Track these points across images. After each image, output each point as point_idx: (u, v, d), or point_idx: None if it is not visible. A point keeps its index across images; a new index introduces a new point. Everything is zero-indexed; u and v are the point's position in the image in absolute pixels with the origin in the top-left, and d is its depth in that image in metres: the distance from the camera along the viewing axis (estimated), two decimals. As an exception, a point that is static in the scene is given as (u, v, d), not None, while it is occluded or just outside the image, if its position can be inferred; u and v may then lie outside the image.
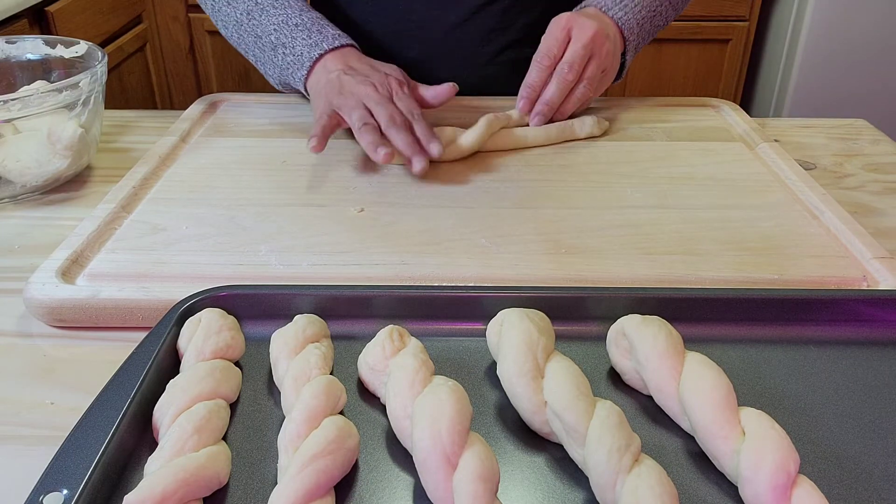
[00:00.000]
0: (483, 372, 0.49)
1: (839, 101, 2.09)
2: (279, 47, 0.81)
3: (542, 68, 0.80)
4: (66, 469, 0.38)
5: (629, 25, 0.85)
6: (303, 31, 0.81)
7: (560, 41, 0.79)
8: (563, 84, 0.79)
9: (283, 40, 0.81)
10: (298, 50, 0.80)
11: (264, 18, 0.82)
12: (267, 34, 0.82)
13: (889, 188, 0.76)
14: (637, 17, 0.86)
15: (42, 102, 0.69)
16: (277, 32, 0.81)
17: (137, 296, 0.54)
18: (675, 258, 0.61)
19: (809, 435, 0.44)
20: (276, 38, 0.81)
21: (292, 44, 0.81)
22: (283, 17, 0.82)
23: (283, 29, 0.81)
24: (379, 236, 0.63)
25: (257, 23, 0.83)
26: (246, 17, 0.83)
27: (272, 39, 0.82)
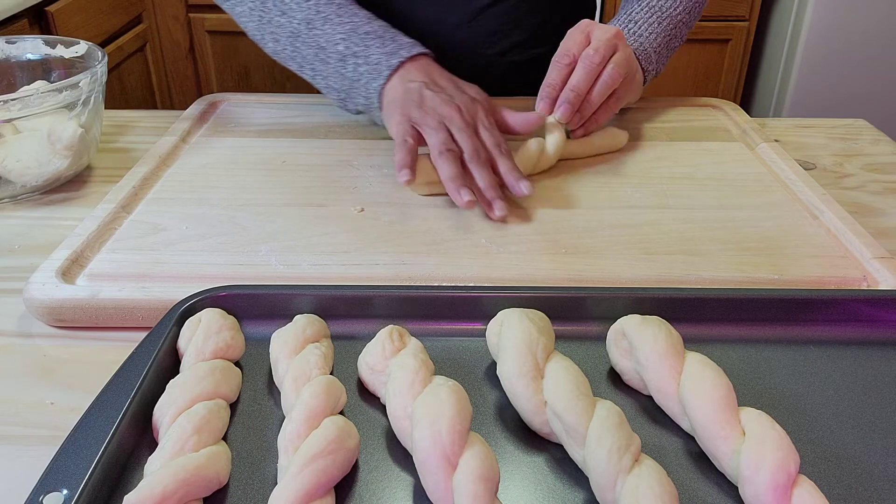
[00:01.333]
0: (483, 372, 0.49)
1: (839, 101, 2.09)
2: (349, 57, 0.76)
3: (561, 67, 0.75)
4: (66, 469, 0.38)
5: (646, 55, 0.82)
6: (375, 39, 0.76)
7: (579, 42, 0.76)
8: (589, 67, 0.74)
9: (353, 49, 0.76)
10: (374, 58, 0.75)
11: (328, 28, 0.77)
12: (333, 44, 0.77)
13: (889, 188, 0.76)
14: (654, 44, 0.83)
15: (42, 102, 0.69)
16: (346, 41, 0.76)
17: (137, 296, 0.54)
18: (675, 258, 0.61)
19: (809, 435, 0.44)
20: (346, 47, 0.76)
21: (366, 53, 0.75)
22: (350, 25, 0.77)
23: (353, 38, 0.76)
24: (379, 236, 0.63)
25: (320, 33, 0.77)
26: (306, 27, 0.78)
27: (340, 49, 0.76)
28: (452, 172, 0.67)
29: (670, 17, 0.84)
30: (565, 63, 0.75)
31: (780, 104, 2.16)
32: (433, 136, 0.69)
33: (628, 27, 0.82)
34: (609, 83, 0.75)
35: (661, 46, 0.83)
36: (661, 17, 0.83)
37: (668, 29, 0.84)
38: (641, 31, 0.82)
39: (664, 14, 0.84)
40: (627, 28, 0.82)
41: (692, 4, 0.86)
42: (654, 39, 0.82)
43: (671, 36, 0.84)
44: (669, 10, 0.84)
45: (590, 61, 0.74)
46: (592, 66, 0.74)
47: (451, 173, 0.67)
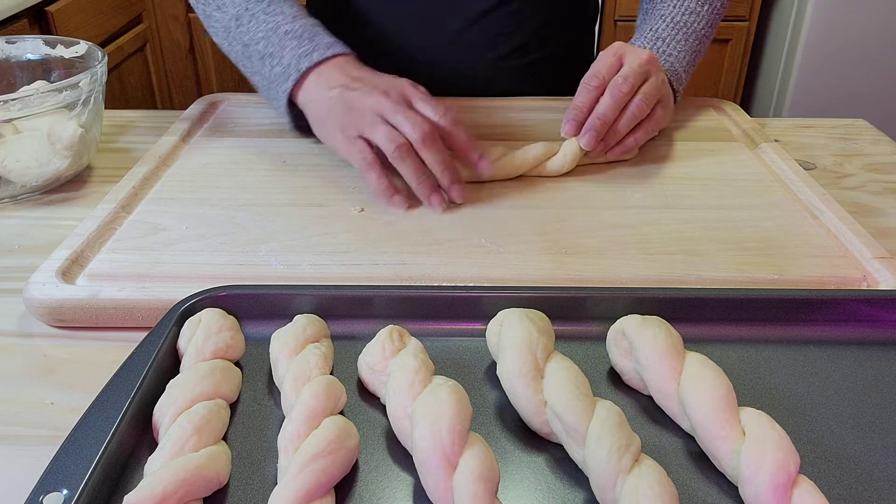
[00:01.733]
0: (483, 372, 0.49)
1: (839, 101, 2.09)
2: (267, 58, 0.74)
3: (589, 89, 0.73)
4: (66, 469, 0.38)
5: (677, 76, 0.80)
6: (293, 39, 0.73)
7: (611, 65, 0.74)
8: (617, 96, 0.72)
9: (270, 50, 0.74)
10: (287, 60, 0.73)
11: (253, 25, 0.75)
12: (255, 42, 0.75)
13: (889, 188, 0.76)
14: (683, 63, 0.81)
15: (42, 102, 0.69)
16: (265, 41, 0.74)
17: (137, 296, 0.54)
18: (675, 258, 0.61)
19: (809, 435, 0.44)
20: (265, 46, 0.74)
21: (280, 53, 0.73)
22: (272, 24, 0.74)
23: (272, 37, 0.74)
24: (379, 236, 0.63)
25: (245, 30, 0.76)
26: (234, 24, 0.76)
27: (259, 48, 0.74)
28: (415, 174, 0.66)
29: (695, 33, 0.82)
30: (594, 86, 0.73)
31: (780, 104, 2.17)
32: (376, 134, 0.66)
33: (656, 45, 0.80)
34: (636, 114, 0.73)
35: (689, 65, 0.82)
36: (686, 33, 0.81)
37: (693, 45, 0.82)
38: (670, 50, 0.80)
39: (689, 30, 0.82)
40: (656, 47, 0.80)
41: (713, 17, 0.84)
42: (683, 58, 0.81)
43: (696, 52, 0.83)
44: (694, 24, 0.82)
45: (618, 90, 0.72)
46: (621, 95, 0.72)
47: (414, 175, 0.66)
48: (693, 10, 0.82)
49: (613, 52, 0.75)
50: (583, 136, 0.72)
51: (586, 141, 0.72)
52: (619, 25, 2.21)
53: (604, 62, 0.74)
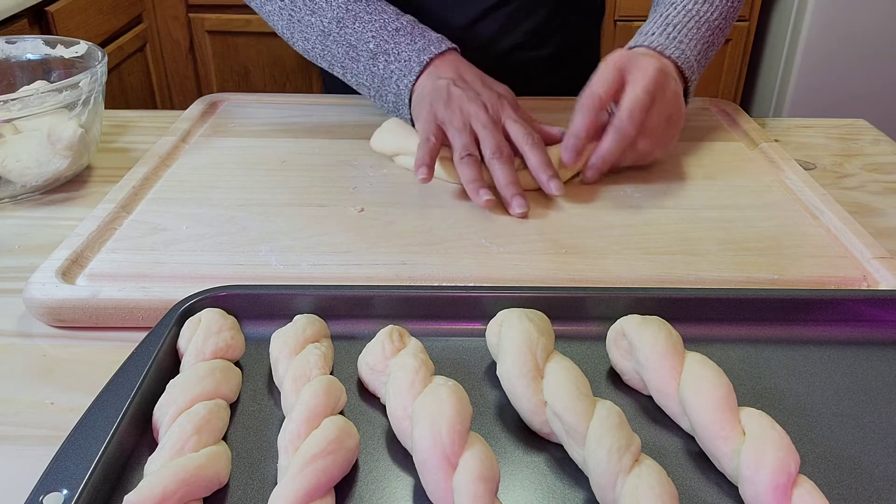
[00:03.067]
0: (483, 372, 0.49)
1: (839, 101, 2.09)
2: (380, 55, 0.75)
3: (587, 112, 0.69)
4: (66, 469, 0.38)
5: (688, 63, 0.76)
6: (404, 35, 0.75)
7: (610, 83, 0.69)
8: (621, 136, 0.69)
9: (384, 47, 0.75)
10: (405, 55, 0.74)
11: (359, 26, 0.76)
12: (363, 42, 0.76)
13: (889, 188, 0.76)
14: (694, 52, 0.77)
15: (42, 102, 0.69)
16: (377, 39, 0.75)
17: (137, 296, 0.54)
18: (675, 258, 0.61)
19: (809, 435, 0.44)
20: (376, 45, 0.75)
21: (396, 50, 0.75)
22: (380, 22, 0.76)
23: (383, 35, 0.75)
24: (379, 236, 0.63)
25: (351, 31, 0.76)
26: (336, 26, 0.77)
27: (370, 48, 0.75)
28: (471, 176, 0.67)
29: (708, 23, 0.79)
30: (590, 107, 0.69)
31: (780, 104, 2.16)
32: (457, 138, 0.69)
33: (666, 31, 0.77)
34: (643, 155, 0.71)
35: (700, 55, 0.78)
36: (699, 22, 0.78)
37: (706, 35, 0.78)
38: (681, 36, 0.76)
39: (702, 19, 0.78)
40: (666, 32, 0.77)
41: (728, 10, 0.81)
42: (695, 46, 0.77)
43: (709, 43, 0.79)
44: (707, 14, 0.79)
45: (623, 133, 0.68)
46: (626, 138, 0.69)
47: (470, 177, 0.67)
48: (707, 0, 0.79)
49: (615, 67, 0.70)
50: (586, 173, 0.71)
51: (589, 177, 0.71)
52: (618, 25, 2.21)
53: (603, 78, 0.70)
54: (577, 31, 1.00)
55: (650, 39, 0.76)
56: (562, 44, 0.98)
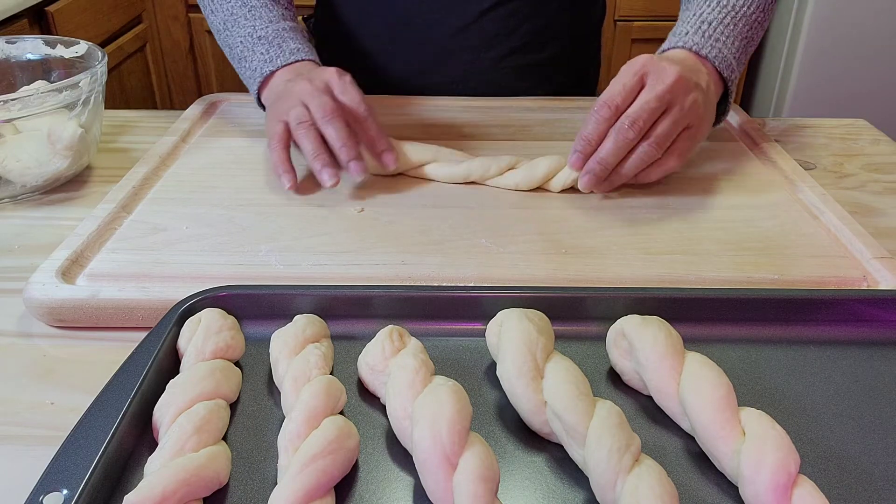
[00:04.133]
0: (483, 372, 0.49)
1: (839, 101, 2.09)
2: (243, 60, 0.79)
3: (598, 119, 0.66)
4: (66, 469, 0.38)
5: (727, 63, 0.72)
6: (263, 44, 0.78)
7: (628, 89, 0.66)
8: (620, 142, 0.65)
9: (245, 54, 0.79)
10: (255, 65, 0.78)
11: (235, 30, 0.80)
12: (235, 46, 0.80)
13: (889, 188, 0.76)
14: (732, 49, 0.72)
15: (42, 102, 0.69)
16: (242, 45, 0.79)
17: (137, 296, 0.54)
18: (675, 258, 0.61)
19: (809, 435, 0.44)
20: (241, 51, 0.79)
21: (251, 58, 0.78)
22: (250, 28, 0.79)
23: (247, 42, 0.79)
24: (379, 236, 0.63)
25: (230, 34, 0.81)
26: (223, 27, 0.82)
27: (238, 52, 0.80)
28: (311, 148, 0.68)
29: (745, 18, 0.74)
30: (603, 116, 0.66)
31: (780, 104, 2.16)
32: (289, 114, 0.70)
33: (701, 28, 0.72)
34: (644, 159, 0.67)
35: (739, 52, 0.73)
36: (735, 17, 0.73)
37: (744, 31, 0.74)
38: (717, 34, 0.72)
39: (738, 14, 0.73)
40: (701, 30, 0.72)
41: (765, 1, 0.76)
42: (733, 44, 0.72)
43: (748, 39, 0.75)
44: (743, 9, 0.74)
45: (623, 136, 0.65)
46: (625, 142, 0.65)
47: (311, 149, 0.68)
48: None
49: (635, 72, 0.66)
50: (581, 178, 0.68)
51: (583, 184, 0.68)
52: (618, 25, 2.21)
53: (621, 84, 0.66)
54: (577, 34, 1.00)
55: (685, 39, 0.72)
56: (562, 46, 0.98)
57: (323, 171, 0.68)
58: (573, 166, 0.68)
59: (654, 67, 0.66)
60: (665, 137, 0.66)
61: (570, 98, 0.94)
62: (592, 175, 0.67)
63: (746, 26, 0.74)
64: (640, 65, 0.67)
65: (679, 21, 0.77)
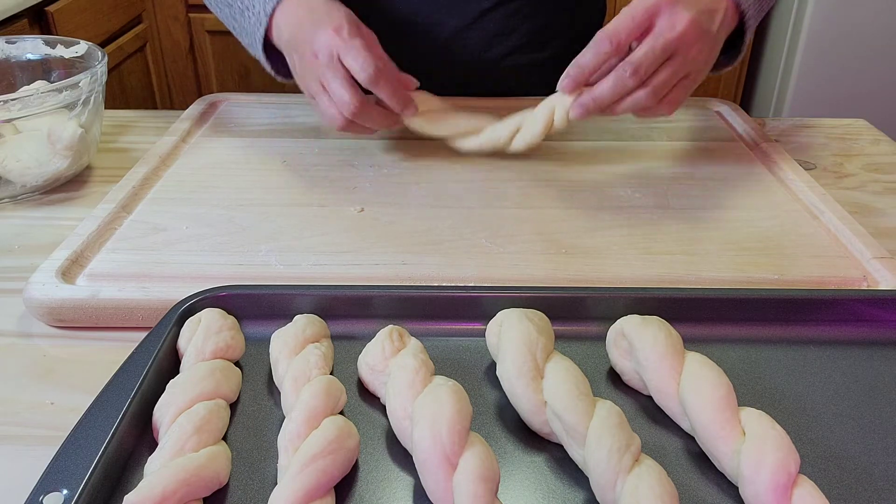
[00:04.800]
0: (483, 372, 0.49)
1: (839, 101, 2.09)
2: (245, 10, 0.74)
3: (598, 52, 0.64)
4: (66, 469, 0.38)
5: None
6: None
7: (635, 24, 0.64)
8: (619, 87, 0.65)
9: (247, 3, 0.74)
10: (257, 7, 0.73)
11: None
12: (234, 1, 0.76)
13: (889, 188, 0.76)
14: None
15: (42, 102, 0.69)
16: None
17: (137, 296, 0.54)
18: (675, 258, 0.61)
19: (809, 435, 0.44)
20: (243, 1, 0.75)
21: (252, 3, 0.74)
22: None
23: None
24: (379, 236, 0.63)
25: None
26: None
27: (240, 4, 0.75)
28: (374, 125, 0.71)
29: None
30: (603, 49, 0.64)
31: (780, 104, 2.16)
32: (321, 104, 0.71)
33: None
34: (639, 104, 0.66)
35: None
36: None
37: None
38: None
39: None
40: None
41: None
42: None
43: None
44: None
45: (622, 81, 0.64)
46: (624, 88, 0.65)
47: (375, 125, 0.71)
48: None
49: (646, 8, 0.64)
50: (573, 107, 0.67)
51: (574, 114, 0.67)
52: (619, 25, 2.20)
53: (630, 17, 0.64)
54: (577, 33, 1.00)
55: None
56: (562, 46, 0.98)
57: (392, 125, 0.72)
58: (565, 89, 0.68)
59: (667, 9, 0.64)
60: (663, 86, 0.66)
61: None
62: (585, 109, 0.67)
63: None
64: (653, 3, 0.64)
65: None
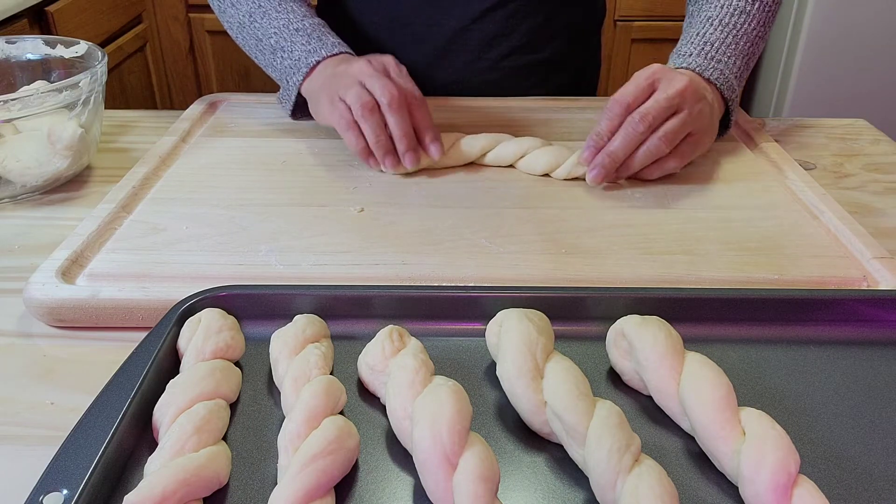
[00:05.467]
0: (483, 372, 0.49)
1: (839, 101, 2.09)
2: (278, 51, 0.80)
3: (611, 117, 0.69)
4: (66, 469, 0.38)
5: (728, 83, 0.75)
6: (303, 36, 0.80)
7: (640, 90, 0.69)
8: (630, 135, 0.68)
9: (282, 44, 0.80)
10: (297, 55, 0.79)
11: (265, 22, 0.81)
12: (267, 37, 0.81)
13: (889, 188, 0.76)
14: (734, 69, 0.75)
15: (42, 102, 0.69)
16: (277, 36, 0.80)
17: (137, 296, 0.54)
18: (675, 258, 0.61)
19: (809, 435, 0.44)
20: (276, 41, 0.80)
21: (291, 48, 0.79)
22: (284, 21, 0.81)
23: (283, 33, 0.80)
24: (379, 236, 0.63)
25: (259, 25, 0.82)
26: (248, 20, 0.83)
27: (272, 43, 0.81)
28: (374, 133, 0.71)
29: (746, 35, 0.76)
30: (616, 114, 0.69)
31: (780, 104, 2.16)
32: (349, 94, 0.71)
33: (704, 50, 0.75)
34: (653, 152, 0.69)
35: (741, 70, 0.76)
36: (736, 36, 0.76)
37: (745, 49, 0.77)
38: (720, 55, 0.75)
39: (739, 32, 0.76)
40: (704, 52, 0.75)
41: (764, 16, 0.78)
42: (734, 63, 0.75)
43: (749, 56, 0.77)
44: (744, 26, 0.77)
45: (633, 129, 0.68)
46: (635, 135, 0.68)
47: (374, 134, 0.71)
48: (742, 10, 0.77)
49: (647, 77, 0.70)
50: (590, 172, 0.70)
51: (591, 178, 0.70)
52: (618, 25, 2.21)
53: (634, 87, 0.70)
54: (577, 34, 1.00)
55: (688, 61, 0.74)
56: (562, 46, 0.98)
57: (386, 158, 0.71)
58: (585, 161, 0.71)
59: (665, 74, 0.71)
60: (674, 134, 0.69)
61: (570, 98, 0.94)
62: (602, 168, 0.70)
63: (748, 43, 0.77)
64: (652, 71, 0.71)
65: (682, 39, 0.79)
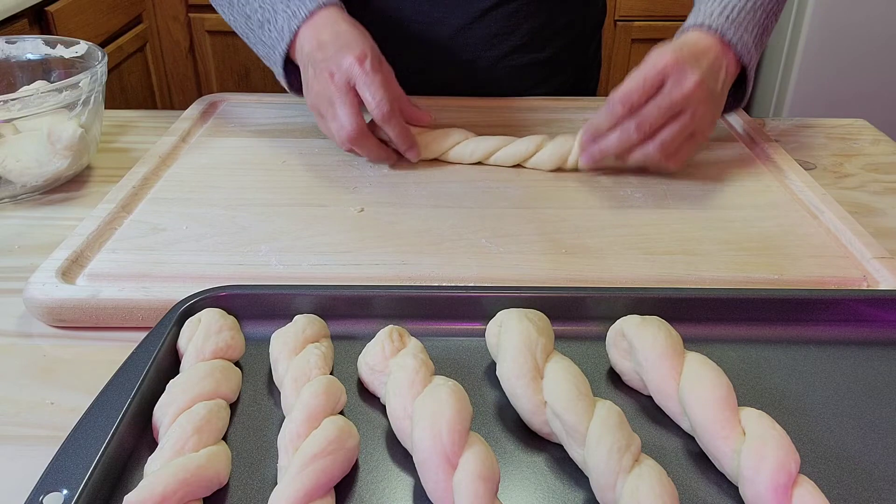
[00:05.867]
0: (483, 372, 0.49)
1: (839, 101, 2.09)
2: (265, 24, 0.76)
3: (612, 115, 0.68)
4: (66, 469, 0.38)
5: (747, 49, 0.72)
6: (281, 2, 0.75)
7: (648, 86, 0.67)
8: (624, 140, 0.69)
9: (266, 16, 0.76)
10: (280, 23, 0.75)
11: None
12: (254, 12, 0.77)
13: (889, 188, 0.76)
14: (752, 36, 0.72)
15: (42, 102, 0.69)
16: (262, 9, 0.76)
17: (137, 296, 0.54)
18: (675, 258, 0.61)
19: (809, 435, 0.44)
20: (262, 14, 0.76)
21: (274, 18, 0.75)
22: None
23: (266, 4, 0.76)
24: (379, 236, 0.63)
25: (245, 1, 0.78)
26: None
27: (258, 17, 0.77)
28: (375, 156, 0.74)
29: (763, 7, 0.74)
30: (617, 113, 0.68)
31: (780, 104, 2.16)
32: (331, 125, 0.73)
33: (725, 12, 0.71)
34: (644, 159, 0.70)
35: (757, 39, 0.73)
36: (755, 5, 0.73)
37: (762, 20, 0.74)
38: (741, 19, 0.71)
39: (758, 3, 0.73)
40: (725, 14, 0.71)
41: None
42: (752, 31, 0.72)
43: (764, 28, 0.74)
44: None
45: (627, 135, 0.68)
46: (628, 142, 0.68)
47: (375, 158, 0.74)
48: None
49: (658, 70, 0.67)
50: (581, 156, 0.73)
51: (582, 162, 0.73)
52: (618, 25, 2.21)
53: (642, 78, 0.67)
54: (577, 34, 1.00)
55: (710, 20, 0.71)
56: (562, 46, 0.98)
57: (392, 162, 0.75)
58: (582, 145, 0.73)
59: (677, 70, 0.67)
60: (670, 142, 0.69)
61: (570, 98, 0.94)
62: (591, 158, 0.72)
63: (764, 15, 0.74)
64: (664, 64, 0.67)
65: (695, 7, 0.75)
